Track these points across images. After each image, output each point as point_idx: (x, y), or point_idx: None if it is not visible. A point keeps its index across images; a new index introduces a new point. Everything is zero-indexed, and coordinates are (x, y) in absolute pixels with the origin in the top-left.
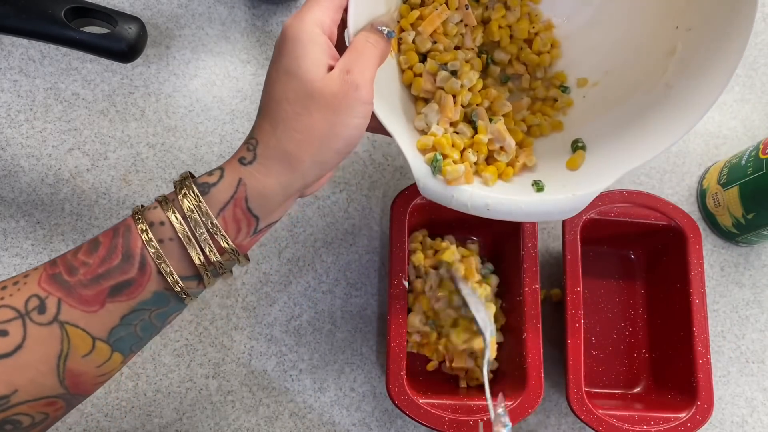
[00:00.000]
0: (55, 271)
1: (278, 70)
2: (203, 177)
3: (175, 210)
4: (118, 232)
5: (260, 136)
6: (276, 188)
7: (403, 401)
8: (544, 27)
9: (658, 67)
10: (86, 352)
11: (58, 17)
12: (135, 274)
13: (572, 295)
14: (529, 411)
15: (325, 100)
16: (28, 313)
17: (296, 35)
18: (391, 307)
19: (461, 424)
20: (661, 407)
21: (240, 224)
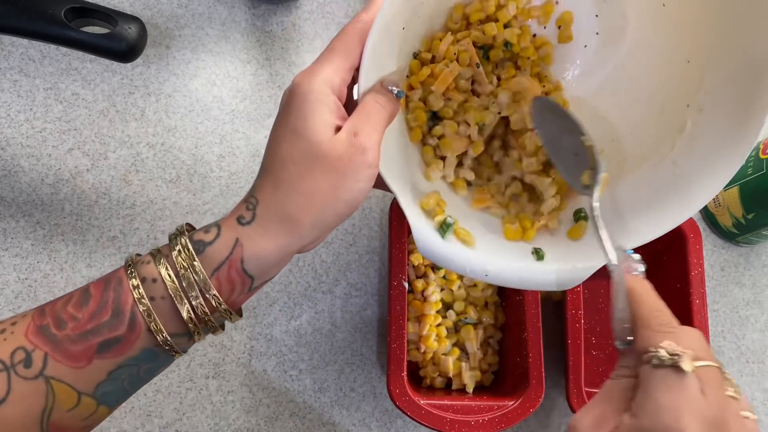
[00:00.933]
0: (43, 323)
1: (285, 129)
2: (199, 233)
3: (168, 266)
4: (109, 285)
5: (261, 195)
6: (273, 250)
7: (404, 402)
8: (553, 87)
9: (667, 142)
10: (71, 406)
11: (58, 17)
12: (124, 332)
13: (572, 295)
14: (530, 411)
15: (331, 163)
16: (14, 366)
17: (306, 94)
18: (392, 308)
19: (462, 424)
20: None
21: (234, 284)
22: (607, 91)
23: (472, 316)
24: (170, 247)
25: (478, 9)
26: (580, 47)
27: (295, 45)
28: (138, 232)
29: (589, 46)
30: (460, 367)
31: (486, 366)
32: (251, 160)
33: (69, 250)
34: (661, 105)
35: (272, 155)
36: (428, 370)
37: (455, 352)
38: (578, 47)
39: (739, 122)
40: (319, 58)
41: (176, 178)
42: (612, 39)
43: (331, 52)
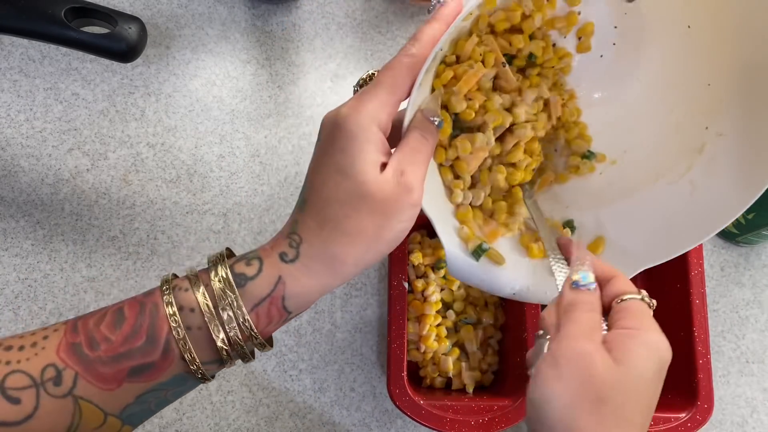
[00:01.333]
0: (75, 341)
1: (330, 167)
2: (240, 266)
3: (206, 296)
4: (144, 309)
5: (305, 233)
6: (314, 288)
7: (404, 402)
8: (568, 96)
9: (683, 161)
10: (97, 425)
11: (58, 17)
12: (157, 358)
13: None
14: None
15: (377, 204)
16: (44, 383)
17: (354, 132)
18: (391, 309)
19: (462, 424)
20: (661, 407)
21: (271, 319)
22: (621, 102)
23: (471, 316)
24: (209, 275)
25: (503, 19)
26: (596, 57)
27: (295, 45)
28: (138, 232)
29: (605, 57)
30: (460, 367)
31: (486, 366)
32: (251, 160)
33: (69, 250)
34: (676, 123)
35: (316, 192)
36: (428, 370)
37: (455, 352)
38: (595, 57)
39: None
40: (365, 91)
41: (176, 178)
42: (628, 51)
43: (378, 86)
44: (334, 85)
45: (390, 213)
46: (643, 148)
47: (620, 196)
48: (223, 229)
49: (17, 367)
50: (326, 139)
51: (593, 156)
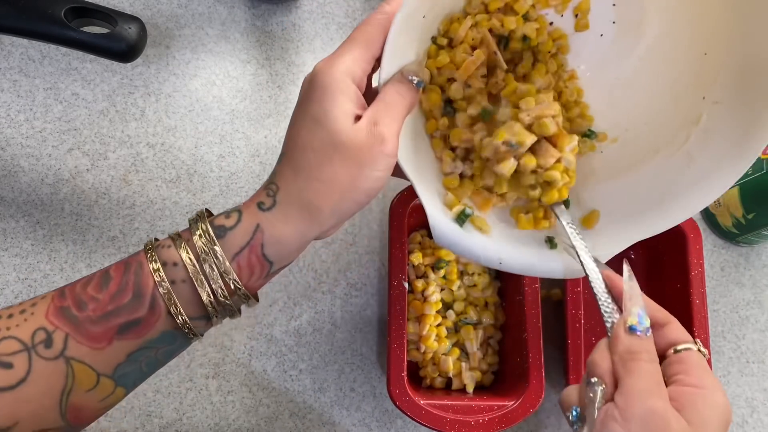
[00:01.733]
0: (63, 304)
1: (305, 116)
2: (220, 218)
3: (188, 250)
4: (129, 268)
5: (281, 182)
6: (293, 235)
7: (404, 402)
8: (568, 76)
9: (681, 133)
10: (90, 387)
11: (58, 17)
12: (145, 314)
13: (572, 295)
14: (530, 411)
15: (350, 152)
16: (35, 346)
17: (327, 83)
18: (391, 309)
19: (462, 424)
20: None
21: (253, 269)
22: (621, 81)
23: (472, 317)
24: (190, 231)
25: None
26: (596, 36)
27: (295, 45)
28: (138, 232)
29: (605, 35)
30: (460, 367)
31: (486, 366)
32: (251, 160)
33: (69, 250)
34: (675, 96)
35: (292, 142)
36: (428, 370)
37: (455, 352)
38: (594, 36)
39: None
40: (340, 47)
41: (176, 178)
42: (628, 29)
43: (352, 42)
44: None
45: (363, 162)
46: (643, 124)
47: (618, 172)
48: None
49: (7, 333)
50: (303, 94)
51: (594, 135)
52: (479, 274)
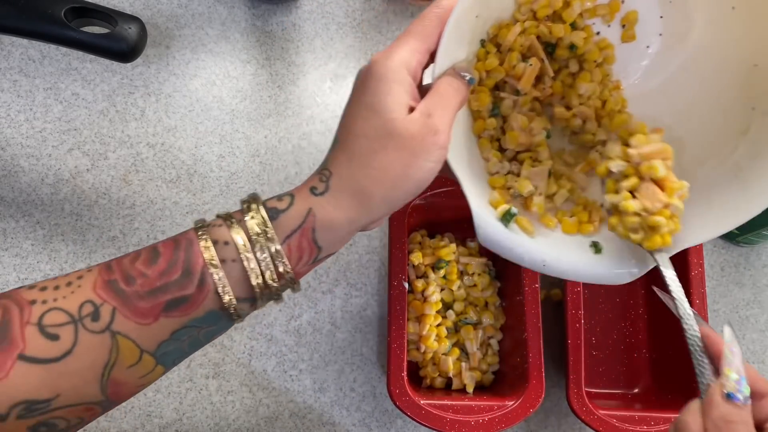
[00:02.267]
0: (111, 278)
1: (360, 105)
2: (272, 201)
3: (241, 231)
4: (179, 246)
5: (334, 168)
6: (343, 222)
7: (404, 402)
8: (613, 86)
9: (728, 143)
10: (132, 363)
11: (58, 17)
12: (193, 291)
13: (572, 295)
14: (530, 411)
15: (404, 141)
16: (81, 319)
17: (383, 73)
18: (391, 309)
19: (462, 424)
20: (662, 407)
21: (303, 253)
22: (667, 92)
23: (471, 317)
24: (242, 212)
25: (545, 5)
26: (642, 48)
27: (295, 45)
28: (138, 232)
29: (651, 47)
30: (460, 367)
31: (486, 366)
32: (251, 160)
33: (69, 250)
34: (723, 108)
35: (347, 130)
36: (428, 370)
37: (455, 352)
38: (641, 48)
39: None
40: (397, 39)
41: (176, 178)
42: (675, 41)
43: (409, 34)
44: (334, 85)
45: (416, 152)
46: (690, 135)
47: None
48: None
49: (54, 305)
50: (359, 84)
51: None
52: (479, 274)
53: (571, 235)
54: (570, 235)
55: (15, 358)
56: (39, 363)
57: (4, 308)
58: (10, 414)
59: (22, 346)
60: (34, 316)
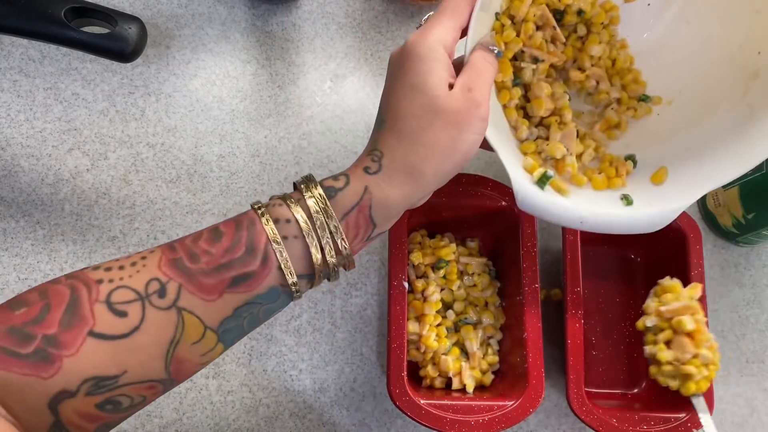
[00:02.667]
0: (175, 256)
1: (404, 86)
2: (328, 181)
3: (300, 209)
4: (241, 225)
5: (385, 148)
6: (398, 198)
7: (404, 402)
8: (620, 45)
9: (738, 88)
10: (196, 339)
11: (58, 17)
12: (257, 267)
13: (572, 295)
14: (530, 411)
15: (450, 116)
16: (148, 296)
17: (422, 53)
18: (391, 308)
19: (462, 424)
20: (661, 407)
21: (359, 230)
22: (672, 45)
23: (471, 316)
24: (300, 192)
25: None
26: (644, 5)
27: (295, 45)
28: (138, 232)
29: (652, 4)
30: (460, 367)
31: (486, 366)
32: (251, 160)
33: (69, 250)
34: (730, 55)
35: (392, 111)
36: (428, 370)
37: (455, 351)
38: (642, 5)
39: None
40: (431, 18)
41: (176, 178)
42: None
43: (442, 13)
44: (334, 85)
45: (462, 125)
46: (698, 85)
47: (680, 131)
48: None
49: (121, 283)
50: (396, 65)
51: (649, 99)
52: (479, 274)
53: (601, 191)
54: (601, 191)
55: (85, 335)
56: (108, 339)
57: (72, 287)
58: (80, 390)
59: (92, 322)
60: (103, 293)
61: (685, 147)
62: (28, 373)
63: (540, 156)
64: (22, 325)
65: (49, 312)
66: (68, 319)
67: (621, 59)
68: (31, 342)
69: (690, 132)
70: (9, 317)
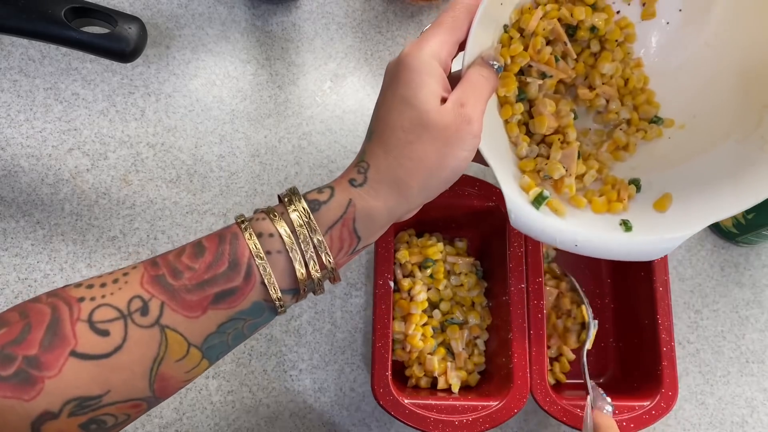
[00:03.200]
0: (157, 273)
1: (394, 98)
2: (312, 194)
3: (284, 223)
4: (224, 239)
5: (372, 160)
6: (383, 211)
7: (388, 402)
8: (634, 64)
9: (752, 118)
10: (180, 357)
11: (58, 17)
12: (240, 283)
13: (534, 285)
14: (515, 411)
15: (438, 132)
16: (131, 314)
17: (415, 66)
18: (377, 308)
19: (446, 424)
20: (627, 395)
21: (343, 243)
22: (688, 68)
23: (458, 316)
24: (284, 205)
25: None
26: (662, 24)
27: (295, 45)
28: (138, 232)
29: (671, 23)
30: (446, 366)
31: (472, 366)
32: (251, 160)
33: (69, 250)
34: (745, 81)
35: (382, 122)
36: (414, 369)
37: (441, 351)
38: (660, 24)
39: None
40: (427, 31)
41: (176, 178)
42: (695, 16)
43: (439, 26)
44: (334, 85)
45: (451, 141)
46: (712, 111)
47: (689, 157)
48: None
49: (102, 301)
50: (391, 76)
51: (661, 121)
52: (466, 274)
53: (600, 215)
54: (600, 215)
55: (67, 355)
56: (90, 359)
57: (53, 306)
58: (63, 410)
59: (74, 342)
60: (84, 312)
61: (693, 174)
62: (9, 396)
63: (539, 175)
64: (2, 347)
65: (30, 332)
66: (49, 339)
67: (635, 78)
68: (11, 363)
69: (699, 159)
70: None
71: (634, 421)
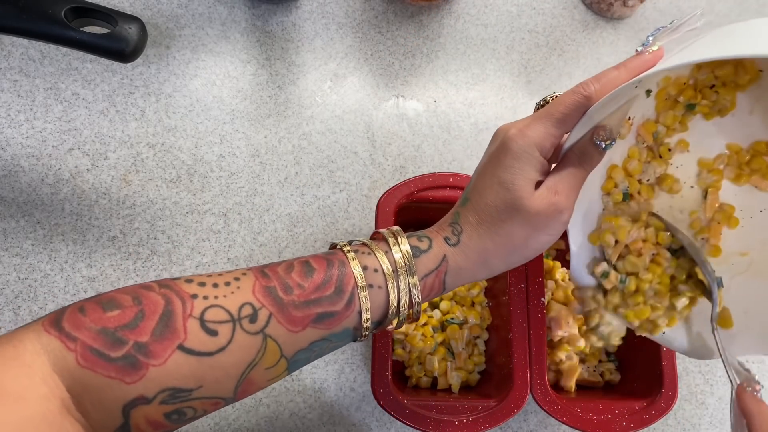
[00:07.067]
0: (269, 284)
1: (493, 178)
2: (413, 240)
3: (387, 261)
4: (332, 264)
5: (465, 225)
6: (467, 273)
7: (387, 402)
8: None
9: None
10: (270, 365)
11: (58, 17)
12: (341, 308)
13: (534, 285)
14: (515, 411)
15: (529, 216)
16: (240, 319)
17: (517, 153)
18: None
19: (446, 424)
20: (627, 395)
21: (432, 291)
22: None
23: (458, 316)
24: (388, 244)
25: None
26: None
27: (295, 45)
28: (138, 232)
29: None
30: (446, 366)
31: (472, 366)
32: (251, 160)
33: (69, 250)
34: None
35: (479, 195)
36: (414, 369)
37: (441, 351)
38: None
39: None
40: (537, 117)
41: (176, 178)
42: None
43: (548, 116)
44: (334, 85)
45: (539, 226)
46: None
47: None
48: (223, 229)
49: (215, 302)
50: (495, 153)
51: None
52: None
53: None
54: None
55: (175, 348)
56: (195, 355)
57: (167, 298)
58: (156, 398)
59: (184, 337)
60: (197, 310)
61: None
62: (113, 376)
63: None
64: (115, 329)
65: (143, 320)
66: (161, 329)
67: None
68: (122, 347)
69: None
70: (101, 317)
71: (634, 421)
